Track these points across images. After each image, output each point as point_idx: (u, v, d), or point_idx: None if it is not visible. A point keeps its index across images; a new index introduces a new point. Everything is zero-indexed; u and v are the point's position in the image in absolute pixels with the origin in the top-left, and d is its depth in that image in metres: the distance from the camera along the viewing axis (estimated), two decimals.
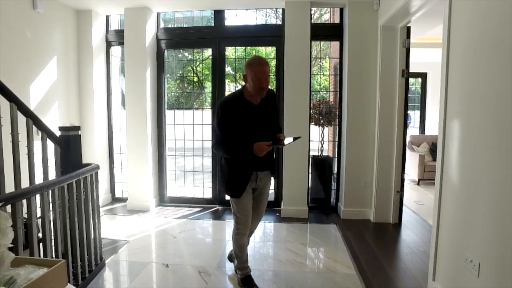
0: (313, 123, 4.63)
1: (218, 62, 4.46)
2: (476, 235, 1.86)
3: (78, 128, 2.68)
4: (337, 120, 4.45)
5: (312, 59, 4.19)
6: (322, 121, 4.56)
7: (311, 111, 4.32)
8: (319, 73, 6.01)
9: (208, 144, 4.58)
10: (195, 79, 5.37)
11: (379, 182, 3.94)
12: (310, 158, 4.44)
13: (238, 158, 2.24)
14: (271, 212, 4.40)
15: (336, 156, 4.43)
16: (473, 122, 1.93)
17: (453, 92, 2.16)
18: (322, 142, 4.73)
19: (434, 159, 6.23)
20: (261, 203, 2.54)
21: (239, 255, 2.49)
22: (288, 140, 2.24)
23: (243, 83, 2.31)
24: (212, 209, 4.52)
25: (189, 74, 5.04)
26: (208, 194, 4.68)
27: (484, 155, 1.81)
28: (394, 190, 3.91)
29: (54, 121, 3.92)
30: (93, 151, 4.48)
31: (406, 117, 3.84)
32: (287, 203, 4.21)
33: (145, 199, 4.44)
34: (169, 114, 4.79)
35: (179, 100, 5.35)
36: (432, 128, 7.36)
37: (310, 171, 4.36)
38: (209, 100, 4.48)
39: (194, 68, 5.02)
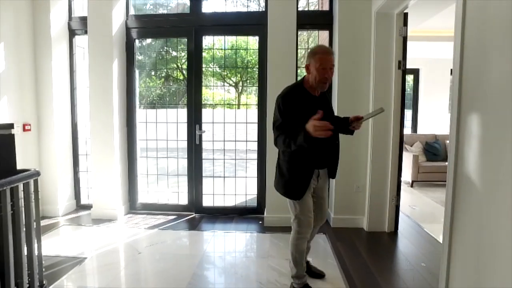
0: None
1: (195, 54, 3.99)
2: (504, 256, 1.45)
3: (10, 126, 2.19)
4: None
5: (298, 50, 3.77)
6: None
7: None
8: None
9: (183, 145, 4.17)
10: (177, 75, 4.89)
11: (373, 187, 3.54)
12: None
13: (301, 149, 1.95)
14: (252, 220, 3.96)
15: None
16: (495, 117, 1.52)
17: (468, 85, 1.75)
18: None
19: (428, 159, 5.88)
20: (324, 204, 2.40)
21: (299, 262, 2.28)
22: (368, 115, 2.14)
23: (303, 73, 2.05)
24: (188, 217, 4.05)
25: (162, 67, 4.54)
26: (183, 199, 4.21)
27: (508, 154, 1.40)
28: (390, 195, 3.52)
29: None
30: (52, 153, 3.95)
31: (403, 113, 3.45)
32: (271, 211, 3.77)
33: (112, 206, 3.95)
34: (142, 112, 4.31)
35: (154, 96, 4.84)
36: (425, 126, 7.04)
37: None
38: (185, 97, 4.03)
39: (176, 61, 4.54)
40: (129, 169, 4.20)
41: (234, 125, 4.15)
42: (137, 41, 4.18)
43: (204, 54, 4.14)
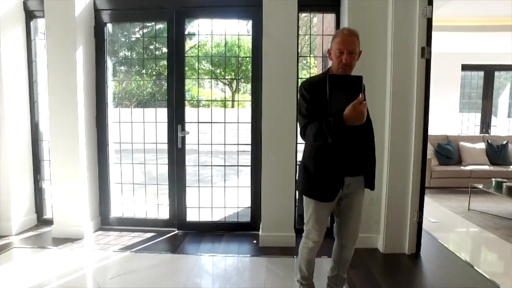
0: None
1: (176, 41, 3.35)
2: None
3: None
4: None
5: (299, 36, 3.16)
6: None
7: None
8: (308, 55, 4.94)
9: (163, 146, 3.54)
10: (157, 67, 4.24)
11: (390, 199, 2.94)
12: (298, 165, 3.43)
13: (331, 139, 1.72)
14: (246, 238, 3.34)
15: None
16: None
17: None
18: None
19: (441, 163, 5.31)
20: (351, 219, 1.99)
21: (302, 269, 2.06)
22: None
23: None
24: (170, 234, 3.42)
25: (141, 58, 3.90)
26: (164, 213, 3.57)
27: None
28: (411, 209, 2.92)
29: None
30: (2, 158, 3.28)
31: (427, 111, 2.85)
32: (268, 228, 3.16)
33: (77, 222, 3.30)
34: (116, 111, 3.67)
35: (132, 93, 4.20)
36: (435, 127, 6.47)
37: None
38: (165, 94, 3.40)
39: (155, 51, 3.91)
40: (100, 177, 3.54)
41: (224, 125, 3.52)
42: (109, 25, 3.53)
43: (189, 41, 3.51)
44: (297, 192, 3.14)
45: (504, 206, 4.44)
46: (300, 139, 2.02)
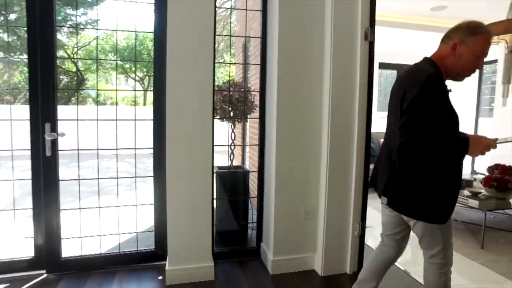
0: (218, 117, 2.92)
1: (40, 18, 2.34)
2: None
3: None
4: (258, 111, 2.80)
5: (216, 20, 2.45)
6: (232, 113, 2.86)
7: (215, 98, 2.59)
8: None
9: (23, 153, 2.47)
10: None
11: (330, 210, 2.41)
12: (215, 173, 2.74)
13: (452, 161, 1.42)
14: (149, 273, 2.50)
15: (258, 169, 2.75)
16: None
17: None
18: (233, 146, 3.03)
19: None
20: None
21: None
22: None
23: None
24: (36, 280, 2.39)
25: None
26: (28, 250, 2.51)
27: None
28: (353, 221, 2.43)
29: None
30: None
31: (370, 104, 2.39)
32: (177, 258, 2.36)
33: None
34: None
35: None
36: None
37: (215, 194, 2.65)
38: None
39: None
40: None
41: (116, 123, 2.62)
42: None
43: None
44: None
45: None
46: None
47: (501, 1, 3.75)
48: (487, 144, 1.38)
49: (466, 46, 1.42)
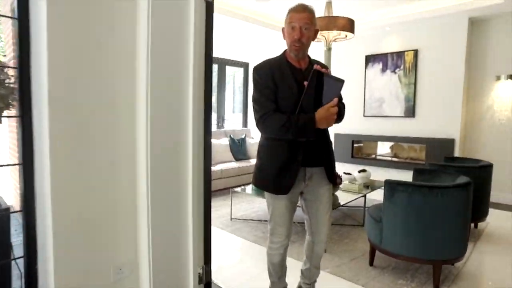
0: None
1: None
2: None
3: None
4: (18, 104, 1.59)
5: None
6: None
7: None
8: None
9: None
10: None
11: (157, 259, 1.54)
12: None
13: (294, 136, 1.58)
14: None
15: (21, 207, 1.54)
16: None
17: None
18: None
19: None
20: (318, 214, 1.79)
21: (271, 274, 1.87)
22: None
23: None
24: None
25: None
26: None
27: None
28: (194, 267, 1.66)
29: None
30: None
31: (209, 104, 1.65)
32: None
33: None
34: None
35: None
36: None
37: None
38: None
39: None
40: None
41: None
42: None
43: None
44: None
45: (257, 206, 4.13)
46: None
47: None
48: (331, 112, 1.53)
49: (285, 26, 1.66)
